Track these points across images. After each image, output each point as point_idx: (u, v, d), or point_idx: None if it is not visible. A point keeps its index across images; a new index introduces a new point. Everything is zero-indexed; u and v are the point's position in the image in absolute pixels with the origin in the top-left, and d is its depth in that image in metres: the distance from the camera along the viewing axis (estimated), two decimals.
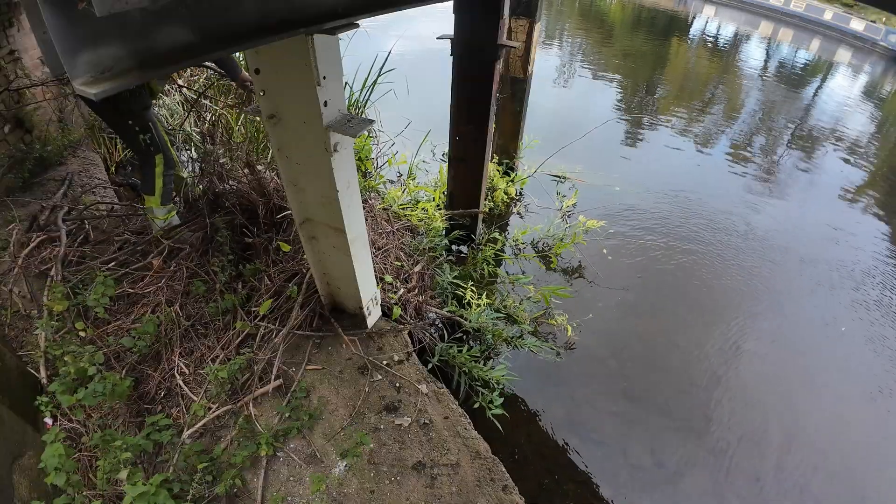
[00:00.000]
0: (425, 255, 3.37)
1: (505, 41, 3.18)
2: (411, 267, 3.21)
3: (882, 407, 3.52)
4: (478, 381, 2.77)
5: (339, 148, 1.83)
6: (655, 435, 3.11)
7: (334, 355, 2.48)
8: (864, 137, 8.52)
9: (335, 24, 1.35)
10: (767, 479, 2.94)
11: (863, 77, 13.23)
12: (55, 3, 0.79)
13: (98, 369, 2.13)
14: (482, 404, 2.61)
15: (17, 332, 2.44)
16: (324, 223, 2.18)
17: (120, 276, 2.69)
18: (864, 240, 5.42)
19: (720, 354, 3.74)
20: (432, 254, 3.45)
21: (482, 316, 3.08)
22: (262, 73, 1.74)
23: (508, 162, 5.27)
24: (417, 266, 3.23)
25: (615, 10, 17.67)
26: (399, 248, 3.30)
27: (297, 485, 1.97)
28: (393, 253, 3.22)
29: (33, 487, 1.86)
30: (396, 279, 3.03)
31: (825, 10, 17.10)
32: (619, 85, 9.40)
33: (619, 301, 4.13)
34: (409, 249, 3.34)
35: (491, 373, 2.78)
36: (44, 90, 3.55)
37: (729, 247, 4.92)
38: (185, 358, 2.42)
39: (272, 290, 2.71)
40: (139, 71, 0.93)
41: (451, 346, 2.85)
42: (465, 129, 3.58)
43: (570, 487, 2.78)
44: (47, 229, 2.92)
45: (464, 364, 2.77)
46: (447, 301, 3.25)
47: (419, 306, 2.97)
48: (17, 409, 2.00)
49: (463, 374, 2.76)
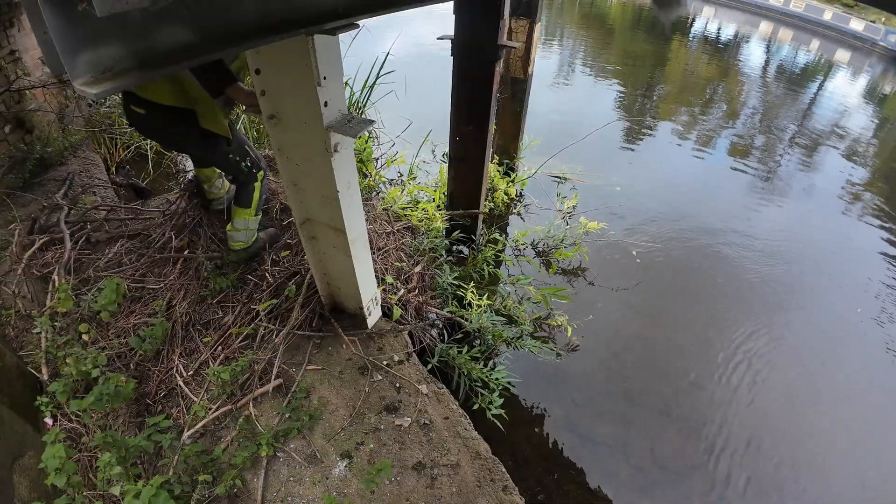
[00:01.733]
0: (426, 255, 3.37)
1: (505, 41, 3.18)
2: (412, 267, 3.21)
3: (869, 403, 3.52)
4: (477, 382, 2.77)
5: (340, 148, 1.83)
6: (655, 435, 3.11)
7: (334, 355, 2.48)
8: (865, 138, 8.52)
9: (335, 24, 1.35)
10: (768, 478, 2.94)
11: (862, 77, 13.22)
12: (55, 3, 0.79)
13: (102, 371, 2.13)
14: (482, 405, 2.61)
15: (17, 332, 2.45)
16: (324, 223, 2.18)
17: (123, 276, 2.69)
18: (863, 240, 5.42)
19: (720, 355, 3.74)
20: (433, 254, 3.45)
21: (483, 317, 3.08)
22: (262, 73, 1.74)
23: (509, 162, 5.27)
24: (418, 266, 3.23)
25: (615, 10, 17.68)
26: (399, 248, 3.30)
27: (297, 485, 1.97)
28: (393, 254, 3.22)
29: (33, 487, 1.86)
30: (397, 279, 3.03)
31: (824, 10, 17.10)
32: (619, 85, 9.41)
33: (620, 302, 4.13)
34: (410, 250, 3.34)
35: (491, 374, 2.78)
36: (44, 91, 3.55)
37: (729, 247, 4.92)
38: (185, 358, 2.42)
39: (273, 287, 2.71)
40: (139, 71, 0.93)
41: (451, 346, 2.85)
42: (466, 130, 3.58)
43: (570, 487, 2.78)
44: (49, 230, 2.93)
45: (463, 365, 2.76)
46: (448, 301, 3.24)
47: (419, 307, 2.97)
48: (18, 409, 2.00)
49: (462, 375, 2.76)
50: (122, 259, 2.85)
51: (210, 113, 2.39)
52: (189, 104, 2.32)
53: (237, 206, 2.72)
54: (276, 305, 2.64)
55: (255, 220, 2.77)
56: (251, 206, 2.72)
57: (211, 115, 2.39)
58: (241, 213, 2.72)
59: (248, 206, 2.71)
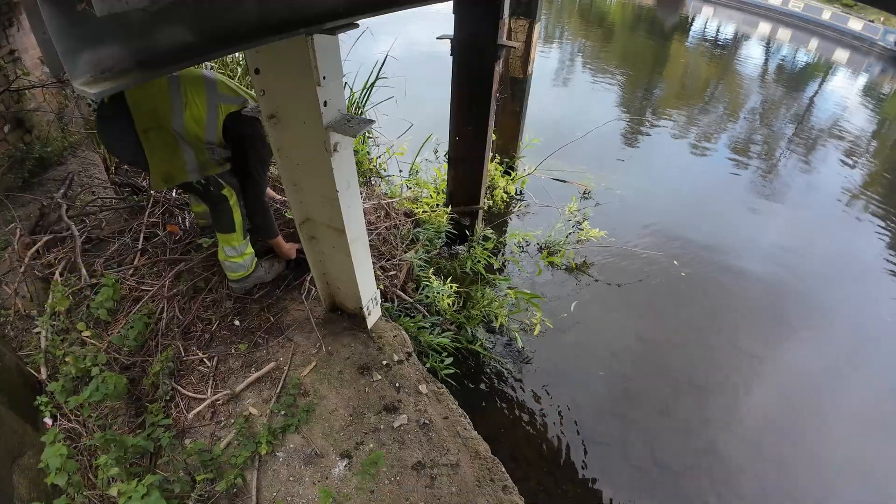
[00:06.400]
0: (416, 244, 3.37)
1: (505, 41, 3.18)
2: (399, 252, 3.22)
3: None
4: (436, 349, 2.93)
5: (339, 148, 1.83)
6: (655, 435, 3.12)
7: (334, 355, 2.48)
8: (863, 137, 8.53)
9: (335, 24, 1.35)
10: (768, 479, 2.95)
11: (862, 77, 13.23)
12: (55, 3, 0.79)
13: (101, 369, 2.13)
14: (433, 365, 2.78)
15: (17, 332, 2.44)
16: (324, 223, 2.18)
17: (122, 276, 2.69)
18: (862, 239, 5.43)
19: (720, 355, 3.75)
20: (427, 246, 3.45)
21: (441, 297, 3.15)
22: (262, 73, 1.74)
23: (508, 161, 5.27)
24: (407, 254, 3.23)
25: (615, 9, 17.68)
26: (390, 230, 3.33)
27: (296, 484, 1.97)
28: (383, 233, 3.26)
29: (33, 487, 1.86)
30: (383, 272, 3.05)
31: (823, 9, 17.11)
32: (619, 85, 9.41)
33: (621, 302, 4.14)
34: (397, 239, 3.33)
35: (436, 339, 2.94)
36: (44, 91, 3.55)
37: (729, 247, 4.93)
38: (184, 355, 2.42)
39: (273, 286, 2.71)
40: (139, 71, 0.93)
41: (401, 314, 2.94)
42: (465, 130, 3.58)
43: (570, 487, 2.78)
44: (49, 230, 2.92)
45: (410, 329, 2.83)
46: (421, 289, 3.24)
47: (386, 290, 2.99)
48: (17, 408, 2.01)
49: (414, 339, 2.86)
50: (122, 258, 2.84)
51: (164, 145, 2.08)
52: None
53: (219, 234, 2.43)
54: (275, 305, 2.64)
55: (245, 244, 2.50)
56: (235, 230, 2.41)
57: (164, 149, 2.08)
58: (227, 240, 2.43)
59: (232, 231, 2.41)
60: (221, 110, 2.16)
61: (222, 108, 2.16)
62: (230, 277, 2.60)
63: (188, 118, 2.09)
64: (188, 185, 2.29)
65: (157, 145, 2.08)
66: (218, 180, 2.30)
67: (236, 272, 2.56)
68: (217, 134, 2.19)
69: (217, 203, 2.36)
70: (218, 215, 2.39)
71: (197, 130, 2.12)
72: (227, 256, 2.50)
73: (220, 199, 2.34)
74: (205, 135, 2.15)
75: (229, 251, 2.47)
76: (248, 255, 2.54)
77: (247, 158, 2.38)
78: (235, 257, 2.50)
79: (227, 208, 2.36)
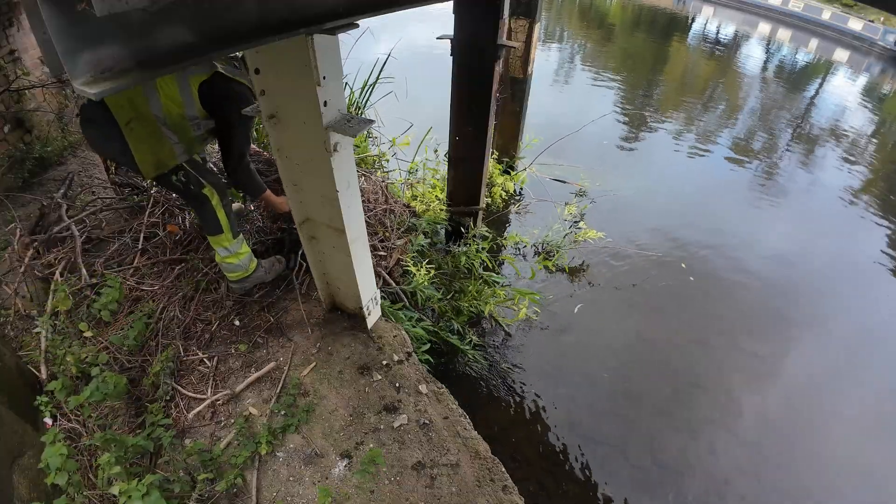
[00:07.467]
0: (412, 232, 3.37)
1: (505, 41, 3.18)
2: (393, 239, 3.22)
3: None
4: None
5: (339, 148, 1.83)
6: (656, 435, 3.12)
7: (334, 355, 2.48)
8: (863, 137, 8.53)
9: (335, 24, 1.35)
10: (769, 479, 2.95)
11: (862, 77, 13.23)
12: (55, 3, 0.79)
13: (101, 369, 2.13)
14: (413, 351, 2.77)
15: (17, 332, 2.44)
16: (324, 223, 2.18)
17: (123, 276, 2.69)
18: (863, 239, 5.43)
19: (721, 355, 3.75)
20: (423, 239, 3.45)
21: (422, 287, 3.13)
22: (262, 73, 1.74)
23: (508, 161, 5.27)
24: (399, 241, 3.23)
25: (615, 10, 17.69)
26: (387, 214, 3.34)
27: (296, 484, 1.97)
28: (380, 215, 3.27)
29: (33, 487, 1.86)
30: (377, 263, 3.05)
31: (823, 9, 17.11)
32: (619, 85, 9.41)
33: (621, 303, 4.14)
34: (394, 225, 3.33)
35: (413, 329, 2.90)
36: (43, 91, 3.55)
37: (729, 247, 4.93)
38: (184, 355, 2.42)
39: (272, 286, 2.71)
40: (139, 71, 0.93)
41: (385, 298, 2.92)
42: (465, 130, 3.58)
43: (570, 487, 2.78)
44: (49, 230, 2.92)
45: (389, 312, 2.83)
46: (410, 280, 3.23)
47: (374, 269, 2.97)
48: (17, 408, 2.00)
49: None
50: (122, 258, 2.84)
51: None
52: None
53: (209, 236, 2.42)
54: (275, 305, 2.64)
55: (238, 243, 2.48)
56: (223, 231, 2.39)
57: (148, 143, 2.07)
58: (217, 242, 2.43)
59: (220, 232, 2.38)
60: (192, 82, 2.14)
61: (192, 80, 2.14)
62: (229, 278, 2.60)
63: (164, 99, 2.08)
64: (169, 182, 2.28)
65: (142, 136, 2.07)
66: (198, 178, 2.30)
67: (234, 273, 2.56)
68: (196, 106, 2.17)
69: (199, 204, 2.34)
70: (203, 217, 2.38)
71: (176, 109, 2.12)
72: (223, 258, 2.49)
73: (202, 200, 2.33)
74: (185, 111, 2.15)
75: (223, 252, 2.47)
76: (243, 255, 2.53)
77: (226, 115, 2.29)
78: (230, 258, 2.49)
79: (210, 209, 2.34)
